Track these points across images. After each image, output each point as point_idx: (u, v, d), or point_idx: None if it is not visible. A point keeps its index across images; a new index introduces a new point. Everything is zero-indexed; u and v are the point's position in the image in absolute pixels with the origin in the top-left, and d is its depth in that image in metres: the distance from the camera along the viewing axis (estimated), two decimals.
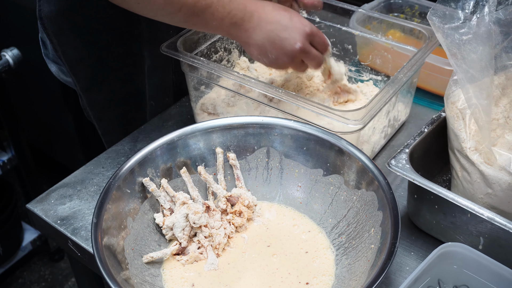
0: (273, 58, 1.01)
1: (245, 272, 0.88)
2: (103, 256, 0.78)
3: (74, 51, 1.19)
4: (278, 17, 1.01)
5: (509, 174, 0.85)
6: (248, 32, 1.00)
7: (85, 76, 1.22)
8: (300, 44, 1.00)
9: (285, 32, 1.00)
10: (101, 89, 1.25)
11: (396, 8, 1.43)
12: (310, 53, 1.03)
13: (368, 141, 1.07)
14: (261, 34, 1.00)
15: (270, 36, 1.00)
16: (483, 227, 0.85)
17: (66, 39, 1.17)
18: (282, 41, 1.00)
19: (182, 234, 0.91)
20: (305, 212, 0.97)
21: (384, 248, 0.79)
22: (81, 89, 1.23)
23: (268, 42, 1.00)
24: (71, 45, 1.18)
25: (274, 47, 1.00)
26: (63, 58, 1.19)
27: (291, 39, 1.00)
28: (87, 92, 1.24)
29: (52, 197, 1.03)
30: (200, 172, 0.96)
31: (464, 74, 0.88)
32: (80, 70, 1.21)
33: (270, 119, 0.98)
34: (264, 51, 1.01)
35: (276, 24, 1.00)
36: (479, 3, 0.90)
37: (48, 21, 1.16)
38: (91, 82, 1.23)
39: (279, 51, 1.00)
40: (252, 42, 1.01)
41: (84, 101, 1.26)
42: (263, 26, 1.00)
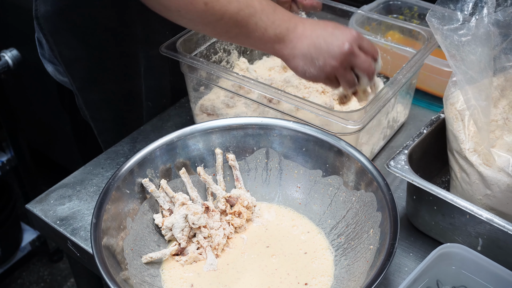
0: (320, 65, 0.95)
1: (244, 273, 0.88)
2: (102, 256, 0.78)
3: (70, 51, 1.19)
4: (323, 25, 0.97)
5: (508, 176, 0.85)
6: (293, 43, 0.96)
7: (81, 76, 1.22)
8: (349, 45, 0.94)
9: (332, 37, 0.95)
10: (97, 89, 1.25)
11: (395, 10, 1.43)
12: (360, 56, 0.96)
13: (367, 142, 1.07)
14: (306, 42, 0.95)
15: (316, 42, 0.95)
16: (482, 228, 0.85)
17: (62, 39, 1.18)
18: (329, 44, 0.94)
19: (181, 235, 0.91)
20: (304, 213, 0.97)
21: (383, 248, 0.79)
22: (77, 88, 1.24)
23: (314, 49, 0.95)
24: (67, 45, 1.18)
25: (321, 52, 0.94)
26: (59, 58, 1.20)
27: (339, 41, 0.94)
28: (83, 92, 1.24)
29: (52, 198, 1.03)
30: (200, 173, 0.96)
31: (463, 75, 0.88)
32: (76, 70, 1.21)
33: (269, 120, 0.98)
34: (310, 58, 0.95)
35: (321, 31, 0.96)
36: (478, 4, 0.90)
37: (44, 21, 1.16)
38: (87, 82, 1.23)
39: (326, 55, 0.94)
40: (297, 52, 0.96)
41: (80, 100, 1.26)
42: (309, 35, 0.95)
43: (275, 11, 0.96)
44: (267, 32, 0.94)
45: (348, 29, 0.97)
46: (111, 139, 1.25)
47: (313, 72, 0.96)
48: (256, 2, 0.94)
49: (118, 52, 1.22)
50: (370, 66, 0.97)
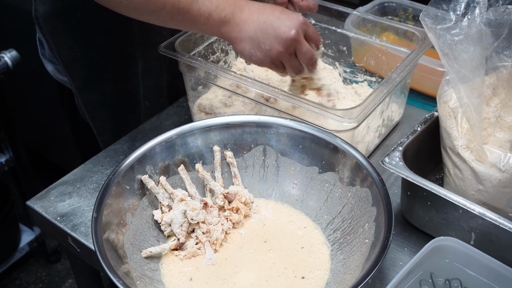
0: (266, 49, 0.97)
1: (242, 267, 0.90)
2: (104, 250, 0.80)
3: (69, 51, 1.21)
4: (270, 10, 0.99)
5: (500, 171, 0.87)
6: (239, 26, 0.97)
7: (80, 76, 1.24)
8: (295, 31, 0.96)
9: (279, 21, 0.97)
10: (95, 89, 1.26)
11: (390, 11, 1.46)
12: (304, 44, 0.99)
13: (362, 140, 1.09)
14: (253, 25, 0.97)
15: (263, 26, 0.97)
16: (475, 222, 0.87)
17: (61, 39, 1.19)
18: (276, 29, 0.96)
19: (180, 230, 0.93)
20: (301, 209, 0.99)
21: (378, 242, 0.81)
22: (76, 88, 1.25)
23: (261, 32, 0.97)
24: (66, 45, 1.20)
25: (268, 36, 0.96)
26: (58, 57, 1.21)
27: (286, 27, 0.96)
28: (82, 92, 1.26)
29: (52, 195, 1.05)
30: (198, 169, 0.98)
31: (456, 74, 0.90)
32: (75, 70, 1.23)
33: (267, 118, 1.00)
34: (257, 42, 0.97)
35: (268, 14, 0.98)
36: (470, 5, 0.92)
37: (43, 21, 1.18)
38: (86, 82, 1.25)
39: (272, 40, 0.96)
40: (244, 35, 0.97)
41: (79, 100, 1.27)
42: (255, 18, 0.97)
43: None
44: (211, 16, 0.96)
45: (295, 14, 0.99)
46: (110, 138, 1.27)
47: (259, 56, 0.98)
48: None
49: (116, 52, 1.23)
50: (312, 56, 1.01)
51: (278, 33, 0.96)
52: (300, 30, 0.98)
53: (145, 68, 1.27)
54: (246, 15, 0.97)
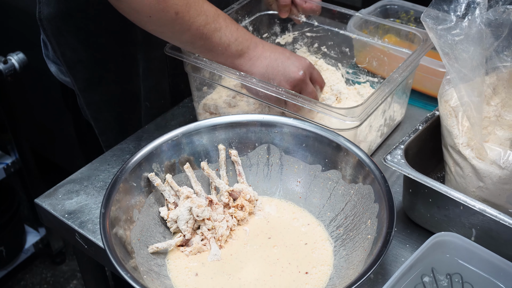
0: (274, 85, 1.03)
1: (247, 263, 0.92)
2: (112, 244, 0.81)
3: (72, 53, 1.22)
4: (281, 50, 1.07)
5: (500, 168, 0.89)
6: (252, 60, 1.05)
7: (82, 76, 1.25)
8: (303, 72, 1.04)
9: (289, 61, 1.05)
10: (98, 89, 1.28)
11: (392, 14, 1.47)
12: (309, 85, 1.07)
13: (365, 139, 1.10)
14: (264, 62, 1.04)
15: (274, 64, 1.04)
16: (475, 219, 0.88)
17: (65, 40, 1.21)
18: (285, 68, 1.04)
19: (186, 227, 0.94)
20: (304, 206, 1.01)
21: (380, 237, 0.82)
22: (79, 89, 1.27)
23: (271, 69, 1.04)
24: (69, 46, 1.22)
25: (277, 73, 1.04)
26: (61, 59, 1.23)
27: (294, 67, 1.04)
28: (84, 92, 1.27)
29: (60, 192, 1.07)
30: (204, 167, 1.00)
31: (456, 73, 0.92)
32: (77, 71, 1.25)
33: (271, 117, 1.02)
34: (267, 78, 1.05)
35: (279, 54, 1.05)
36: (471, 5, 0.94)
37: (47, 23, 1.19)
38: (88, 83, 1.26)
39: (281, 78, 1.04)
40: (255, 70, 1.05)
41: (81, 101, 1.29)
42: (267, 55, 1.05)
43: (238, 30, 1.04)
44: (229, 47, 1.03)
45: (303, 58, 1.08)
46: (112, 139, 1.29)
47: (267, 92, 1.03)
48: (221, 19, 1.02)
49: (119, 53, 1.25)
50: (316, 97, 1.09)
51: (288, 72, 1.04)
52: (307, 71, 1.06)
53: (146, 69, 1.28)
54: (260, 51, 1.05)
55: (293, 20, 1.31)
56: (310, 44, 1.35)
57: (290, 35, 1.35)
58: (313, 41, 1.34)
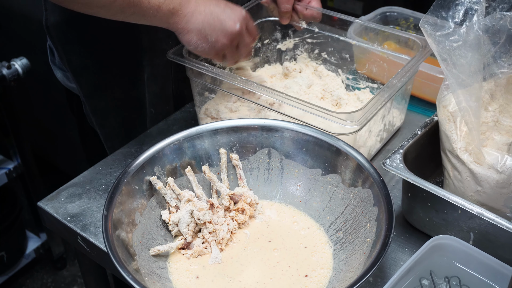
0: (212, 41, 1.04)
1: (248, 265, 0.93)
2: (114, 246, 0.82)
3: (78, 59, 1.23)
4: (215, 2, 1.05)
5: (497, 172, 0.90)
6: (187, 17, 1.02)
7: (88, 83, 1.26)
8: (239, 25, 1.04)
9: (224, 14, 1.04)
10: (103, 96, 1.29)
11: (391, 21, 1.49)
12: (245, 37, 1.07)
13: (364, 144, 1.12)
14: (200, 17, 1.02)
15: (209, 18, 1.03)
16: (473, 222, 0.89)
17: (71, 47, 1.22)
18: (222, 22, 1.03)
19: (187, 230, 0.95)
20: (304, 210, 1.02)
21: (379, 240, 0.83)
22: (84, 95, 1.28)
23: (208, 24, 1.03)
24: (76, 53, 1.23)
25: (214, 28, 1.03)
26: (67, 65, 1.24)
27: (231, 20, 1.03)
28: (90, 99, 1.28)
29: (62, 196, 1.08)
30: (205, 171, 1.01)
31: (454, 79, 0.93)
32: (83, 78, 1.26)
33: (271, 121, 1.03)
34: (204, 34, 1.03)
35: (214, 7, 1.04)
36: (468, 12, 0.95)
37: (54, 31, 1.20)
38: (94, 89, 1.27)
39: (219, 33, 1.03)
40: (191, 27, 1.03)
41: (87, 107, 1.30)
42: (202, 10, 1.03)
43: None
44: (160, 8, 1.01)
45: (239, 8, 1.06)
46: (117, 145, 1.30)
47: (205, 47, 1.04)
48: None
49: (124, 60, 1.26)
50: (250, 49, 1.10)
51: (225, 27, 1.03)
52: (243, 23, 1.06)
53: (151, 75, 1.29)
54: (193, 6, 1.03)
55: (294, 27, 1.33)
56: (311, 50, 1.36)
57: (291, 41, 1.37)
58: (313, 47, 1.35)
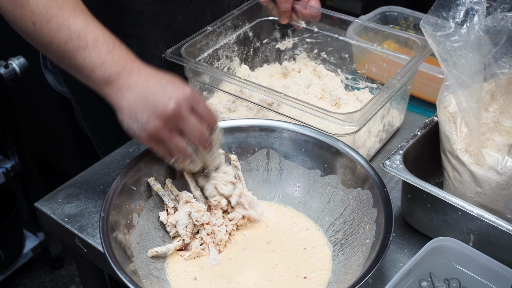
0: (142, 122, 0.86)
1: (246, 267, 0.92)
2: (111, 248, 0.82)
3: None
4: (159, 77, 0.89)
5: (498, 174, 0.89)
6: (121, 91, 0.87)
7: (79, 88, 1.23)
8: (174, 105, 0.85)
9: (161, 92, 0.86)
10: (95, 101, 1.25)
11: (391, 20, 1.48)
12: (189, 120, 0.87)
13: (363, 145, 1.11)
14: (135, 93, 0.87)
15: (143, 95, 0.86)
16: (473, 224, 0.89)
17: None
18: (155, 100, 0.85)
19: (185, 231, 0.95)
20: (303, 211, 1.01)
21: (378, 241, 0.83)
22: (76, 100, 1.26)
23: (140, 101, 0.86)
24: None
25: (146, 106, 0.86)
26: (58, 69, 1.22)
27: (166, 98, 0.85)
28: (82, 104, 1.26)
29: (60, 196, 1.07)
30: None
31: (455, 79, 0.93)
32: (75, 82, 1.22)
33: (270, 122, 1.03)
34: (135, 113, 0.86)
35: (154, 83, 0.87)
36: (469, 12, 0.95)
37: None
38: (86, 94, 1.24)
39: (150, 112, 0.85)
40: (124, 103, 0.88)
41: (78, 113, 1.28)
42: (139, 85, 0.87)
43: (112, 51, 0.88)
44: (94, 71, 0.88)
45: (183, 87, 0.88)
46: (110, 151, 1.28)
47: (136, 129, 0.87)
48: (91, 36, 0.87)
49: None
50: (202, 134, 0.89)
51: (156, 104, 0.85)
52: (183, 104, 0.86)
53: None
54: (132, 81, 0.88)
55: (293, 26, 1.32)
56: (310, 50, 1.36)
57: (290, 40, 1.36)
58: (312, 47, 1.35)
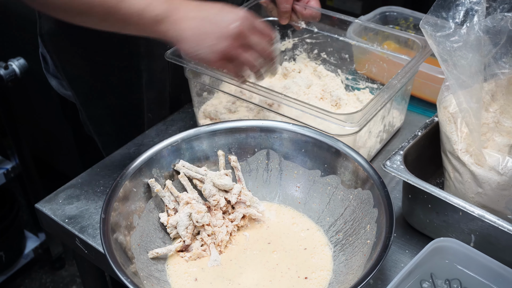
0: (211, 45, 0.90)
1: (247, 268, 0.92)
2: (112, 250, 0.82)
3: (74, 67, 1.21)
4: (208, 6, 0.93)
5: (498, 174, 0.89)
6: (177, 23, 0.90)
7: (84, 91, 1.24)
8: (238, 24, 0.89)
9: (218, 16, 0.90)
10: (100, 103, 1.27)
11: (391, 20, 1.48)
12: (251, 36, 0.92)
13: (364, 145, 1.11)
14: (193, 23, 0.90)
15: (202, 23, 0.89)
16: (474, 224, 0.89)
17: (66, 55, 1.20)
18: (217, 23, 0.89)
19: (185, 232, 0.94)
20: (304, 211, 1.01)
21: (379, 242, 0.83)
22: (81, 103, 1.26)
23: (203, 28, 0.89)
24: (71, 61, 1.21)
25: (211, 31, 0.89)
26: (63, 73, 1.22)
27: (227, 21, 0.90)
28: (87, 107, 1.27)
29: (60, 197, 1.07)
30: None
31: (455, 80, 0.93)
32: (79, 85, 1.23)
33: (270, 122, 1.03)
34: (202, 38, 0.90)
35: (206, 11, 0.91)
36: (469, 13, 0.95)
37: (48, 38, 1.18)
38: (90, 97, 1.25)
39: (216, 34, 0.89)
40: (183, 34, 0.90)
41: (84, 115, 1.28)
42: (195, 13, 0.90)
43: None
44: (143, 15, 0.89)
45: (236, 10, 0.92)
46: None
47: (205, 53, 0.91)
48: None
49: (120, 66, 1.24)
50: (265, 47, 0.94)
51: (220, 28, 0.90)
52: (244, 22, 0.91)
53: (149, 80, 1.27)
54: (182, 13, 0.91)
55: (293, 27, 1.32)
56: (310, 50, 1.36)
57: (290, 41, 1.36)
58: (313, 47, 1.35)
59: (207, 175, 0.99)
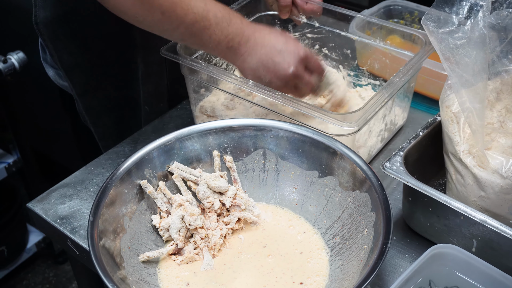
0: (266, 82, 1.02)
1: (240, 272, 0.89)
2: (99, 254, 0.79)
3: (70, 57, 1.20)
4: (273, 41, 1.02)
5: (502, 177, 0.86)
6: (243, 56, 1.01)
7: (80, 81, 1.23)
8: (293, 68, 1.00)
9: (279, 56, 1.01)
10: (96, 94, 1.26)
11: (395, 14, 1.44)
12: (303, 78, 1.03)
13: (364, 144, 1.08)
14: (255, 58, 1.01)
15: (263, 60, 1.01)
16: (476, 229, 0.86)
17: (62, 44, 1.19)
18: (275, 65, 1.00)
19: (178, 235, 0.92)
20: (300, 213, 0.98)
21: (376, 248, 0.80)
22: (77, 94, 1.25)
23: (262, 66, 1.01)
24: (67, 50, 1.20)
25: (268, 71, 1.01)
26: (59, 63, 1.21)
27: (284, 63, 1.00)
28: (83, 97, 1.25)
29: (53, 197, 1.05)
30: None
31: (458, 78, 0.89)
32: (75, 76, 1.22)
33: (266, 121, 1.00)
34: (258, 75, 1.02)
35: (270, 48, 1.01)
36: (474, 8, 0.91)
37: (43, 27, 1.17)
38: (87, 88, 1.24)
39: (272, 75, 1.01)
40: (246, 66, 1.02)
41: (80, 106, 1.27)
42: (258, 50, 1.01)
43: (230, 25, 1.00)
44: (220, 45, 1.00)
45: (297, 47, 1.02)
46: (112, 144, 1.26)
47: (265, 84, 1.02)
48: (211, 15, 0.98)
49: (117, 58, 1.23)
50: (312, 88, 1.07)
51: (277, 70, 1.01)
52: (299, 65, 1.02)
53: (146, 73, 1.26)
54: (250, 46, 1.01)
55: (294, 21, 1.29)
56: (311, 46, 1.32)
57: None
58: (314, 42, 1.31)
59: (201, 177, 0.96)
